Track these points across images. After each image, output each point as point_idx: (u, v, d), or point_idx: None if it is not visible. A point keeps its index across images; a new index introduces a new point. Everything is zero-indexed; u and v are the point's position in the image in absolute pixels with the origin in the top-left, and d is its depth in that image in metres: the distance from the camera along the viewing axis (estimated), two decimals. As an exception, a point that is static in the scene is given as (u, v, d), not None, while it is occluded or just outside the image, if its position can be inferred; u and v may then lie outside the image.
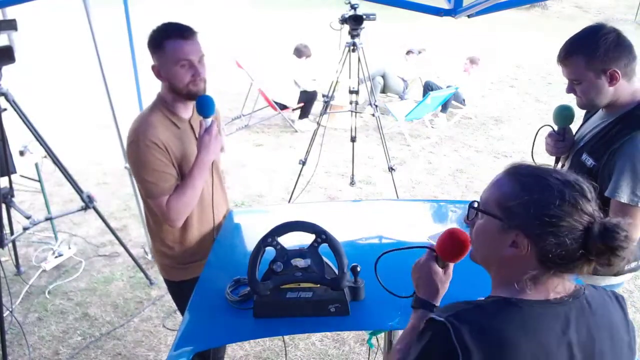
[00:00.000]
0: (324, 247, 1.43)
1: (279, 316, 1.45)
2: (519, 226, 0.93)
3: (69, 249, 3.58)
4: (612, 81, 1.56)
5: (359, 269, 1.48)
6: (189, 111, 1.79)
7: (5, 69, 2.50)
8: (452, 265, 1.16)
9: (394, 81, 6.95)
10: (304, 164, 3.93)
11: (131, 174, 2.91)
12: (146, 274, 3.29)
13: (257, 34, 11.06)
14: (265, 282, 1.41)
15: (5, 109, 2.60)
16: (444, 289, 1.14)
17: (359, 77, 3.77)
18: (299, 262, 1.42)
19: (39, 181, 3.47)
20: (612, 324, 0.98)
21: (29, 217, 2.93)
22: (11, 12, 2.90)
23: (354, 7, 3.45)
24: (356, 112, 3.83)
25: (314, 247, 1.44)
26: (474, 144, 5.85)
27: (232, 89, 6.93)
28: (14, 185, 2.90)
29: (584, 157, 1.68)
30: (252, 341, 2.77)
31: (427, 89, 6.53)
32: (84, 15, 2.83)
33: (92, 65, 3.07)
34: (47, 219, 3.18)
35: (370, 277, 1.45)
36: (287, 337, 2.76)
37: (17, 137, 3.09)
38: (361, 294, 1.49)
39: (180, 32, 1.64)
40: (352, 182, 4.22)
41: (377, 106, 3.92)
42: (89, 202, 3.01)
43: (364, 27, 3.52)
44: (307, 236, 1.45)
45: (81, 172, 4.41)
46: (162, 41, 1.64)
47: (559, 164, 1.87)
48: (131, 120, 1.74)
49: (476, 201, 1.02)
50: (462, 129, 6.29)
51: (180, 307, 2.04)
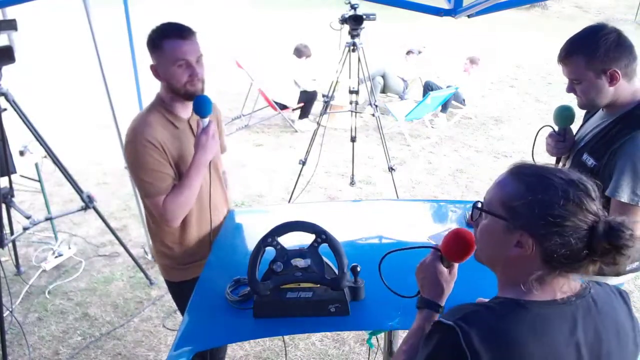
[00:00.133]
0: (324, 247, 1.43)
1: (279, 316, 1.45)
2: (523, 226, 0.92)
3: (69, 249, 3.58)
4: (612, 81, 1.56)
5: (359, 269, 1.48)
6: (187, 111, 1.78)
7: (5, 69, 2.50)
8: (456, 265, 1.15)
9: (394, 81, 6.95)
10: (304, 164, 3.93)
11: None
12: (146, 274, 3.29)
13: (257, 34, 11.05)
14: (265, 282, 1.41)
15: (5, 109, 2.61)
16: (449, 289, 1.13)
17: (359, 77, 3.77)
18: (299, 262, 1.42)
19: (39, 181, 3.47)
20: (617, 322, 0.98)
21: (29, 217, 2.94)
22: (11, 12, 2.90)
23: (354, 7, 3.45)
24: (356, 112, 3.83)
25: (314, 247, 1.44)
26: (474, 144, 5.85)
27: (232, 89, 6.93)
28: (14, 185, 2.91)
29: (585, 157, 1.68)
30: (252, 341, 2.77)
31: (427, 89, 6.52)
32: (84, 15, 2.83)
33: (92, 65, 3.07)
34: (47, 219, 3.18)
35: (370, 277, 1.46)
36: (287, 337, 2.76)
37: (17, 137, 3.10)
38: (361, 294, 1.49)
39: (178, 32, 1.64)
40: (352, 182, 4.22)
41: (377, 106, 3.92)
42: (89, 202, 3.01)
43: (364, 27, 3.52)
44: (307, 236, 1.45)
45: (81, 172, 4.41)
46: (161, 41, 1.64)
47: (560, 164, 1.87)
48: (131, 120, 1.74)
49: (480, 201, 1.02)
50: (462, 129, 6.29)
51: (180, 307, 2.04)
